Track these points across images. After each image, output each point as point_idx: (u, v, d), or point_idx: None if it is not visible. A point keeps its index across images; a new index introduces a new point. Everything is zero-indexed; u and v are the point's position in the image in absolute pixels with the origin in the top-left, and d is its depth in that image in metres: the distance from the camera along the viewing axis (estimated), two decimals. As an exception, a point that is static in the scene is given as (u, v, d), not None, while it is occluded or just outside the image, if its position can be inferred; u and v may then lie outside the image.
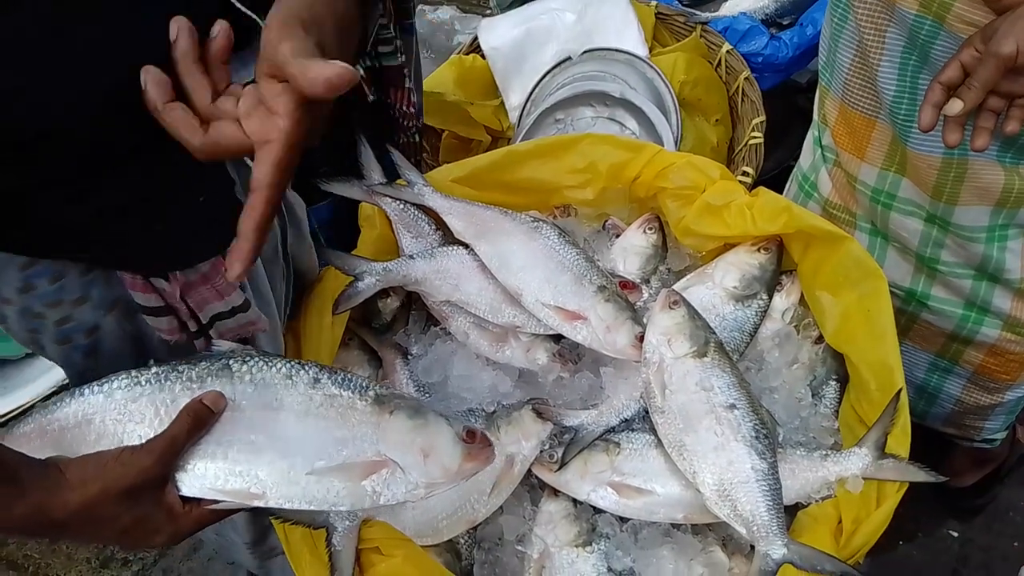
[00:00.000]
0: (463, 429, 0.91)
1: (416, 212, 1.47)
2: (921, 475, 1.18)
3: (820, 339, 1.40)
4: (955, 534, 1.89)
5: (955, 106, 1.00)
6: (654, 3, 2.04)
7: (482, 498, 1.22)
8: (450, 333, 1.41)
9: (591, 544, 1.21)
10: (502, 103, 2.01)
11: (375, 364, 1.44)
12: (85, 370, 1.02)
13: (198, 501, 0.85)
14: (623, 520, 1.25)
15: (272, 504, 0.85)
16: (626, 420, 1.29)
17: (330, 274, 1.38)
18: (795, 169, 1.67)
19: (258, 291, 1.14)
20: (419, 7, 2.80)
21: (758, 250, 1.40)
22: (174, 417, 0.84)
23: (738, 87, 1.92)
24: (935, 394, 1.63)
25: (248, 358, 0.89)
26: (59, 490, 0.78)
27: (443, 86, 1.95)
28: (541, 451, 1.26)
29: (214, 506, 0.85)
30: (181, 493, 0.84)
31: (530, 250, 1.37)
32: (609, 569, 1.20)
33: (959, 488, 1.87)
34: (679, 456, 1.20)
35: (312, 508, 0.86)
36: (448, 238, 1.45)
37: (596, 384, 1.34)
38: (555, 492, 1.26)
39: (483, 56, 2.02)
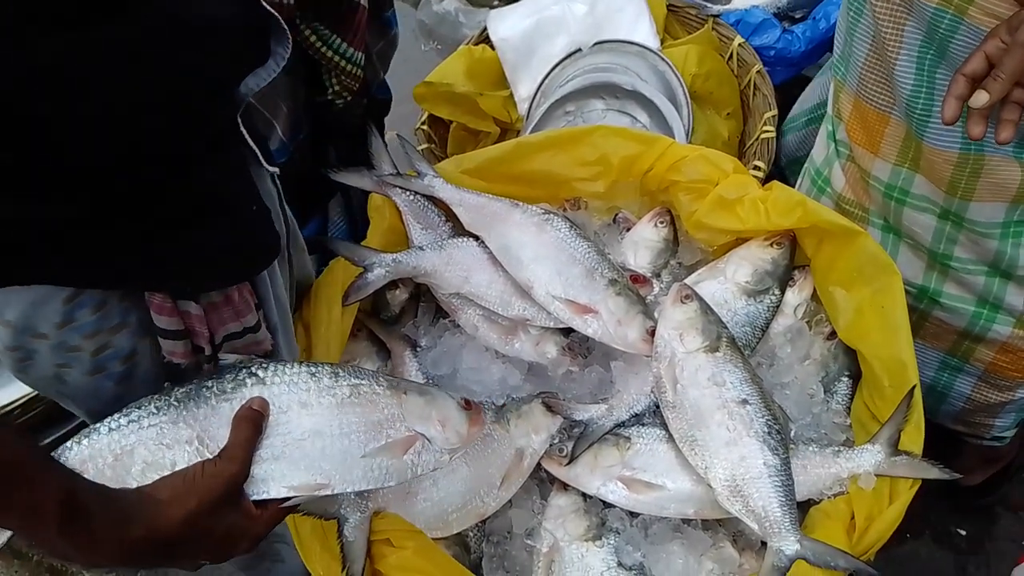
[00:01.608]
0: (461, 400, 1.02)
1: (426, 203, 1.46)
2: (935, 472, 1.18)
3: (832, 335, 1.39)
4: (963, 532, 1.88)
5: (981, 98, 0.99)
6: (666, -5, 2.02)
7: (492, 491, 1.22)
8: (459, 325, 1.41)
9: (601, 539, 1.21)
10: (511, 94, 2.00)
11: (384, 356, 1.43)
12: (115, 398, 1.01)
13: (265, 503, 0.87)
14: (633, 515, 1.24)
15: (336, 491, 0.89)
16: (636, 414, 1.29)
17: (339, 265, 1.37)
18: (807, 163, 1.65)
19: (278, 298, 1.13)
20: (424, -3, 2.79)
21: (771, 245, 1.39)
22: (222, 430, 0.87)
23: (750, 80, 1.91)
24: (945, 392, 1.62)
25: (266, 365, 0.93)
26: (161, 509, 0.79)
27: (452, 77, 1.93)
28: (551, 445, 1.25)
29: (285, 504, 0.88)
30: (253, 498, 0.86)
31: (540, 243, 1.36)
32: (619, 564, 1.19)
33: (967, 486, 1.86)
34: (690, 451, 1.20)
35: (368, 488, 0.92)
36: (458, 229, 1.44)
37: (606, 378, 1.34)
38: (564, 486, 1.25)
39: (492, 47, 2.00)
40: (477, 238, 1.40)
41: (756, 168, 1.76)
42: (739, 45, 1.93)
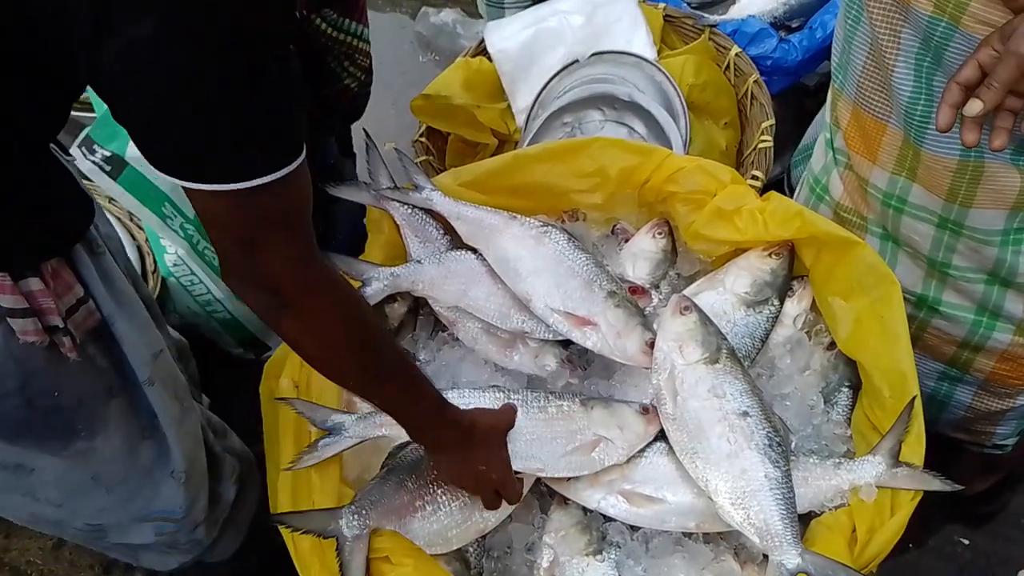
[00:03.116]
0: (639, 407, 1.26)
1: (424, 216, 1.46)
2: (936, 484, 1.17)
3: (832, 345, 1.39)
4: (966, 541, 1.87)
5: (974, 106, 0.98)
6: (662, 5, 2.02)
7: (491, 506, 1.21)
8: (458, 339, 1.41)
9: (601, 553, 1.20)
10: (509, 106, 2.00)
11: (382, 370, 1.43)
12: None
13: None
14: (634, 529, 1.24)
15: (548, 475, 1.24)
16: (636, 427, 1.28)
17: (338, 279, 1.37)
18: (806, 172, 1.65)
19: (105, 275, 1.13)
20: (422, 9, 2.80)
21: (769, 255, 1.39)
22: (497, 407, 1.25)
23: (747, 90, 1.91)
24: (946, 401, 1.62)
25: (515, 389, 1.31)
26: (480, 417, 1.18)
27: (449, 89, 1.93)
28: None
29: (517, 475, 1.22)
30: None
31: (539, 255, 1.36)
32: (620, 578, 1.19)
33: (970, 495, 1.85)
34: (691, 464, 1.19)
35: (568, 475, 1.24)
36: (456, 243, 1.44)
37: (605, 391, 1.33)
38: (565, 500, 1.25)
39: (490, 58, 2.00)
40: (475, 251, 1.40)
41: (754, 178, 1.75)
42: (736, 55, 1.93)
